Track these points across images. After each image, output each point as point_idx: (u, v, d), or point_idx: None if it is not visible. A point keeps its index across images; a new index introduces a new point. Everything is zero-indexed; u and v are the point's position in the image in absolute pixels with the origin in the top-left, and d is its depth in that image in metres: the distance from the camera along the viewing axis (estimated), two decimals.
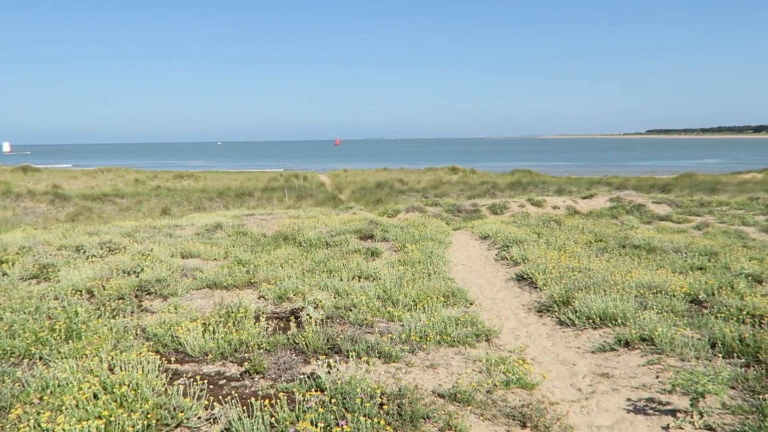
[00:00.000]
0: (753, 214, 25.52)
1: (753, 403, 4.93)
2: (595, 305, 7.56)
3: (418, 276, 10.08)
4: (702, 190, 36.44)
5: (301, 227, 16.24)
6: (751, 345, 5.96)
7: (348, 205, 30.78)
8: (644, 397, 5.39)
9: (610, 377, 5.93)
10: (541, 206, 28.63)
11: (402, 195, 39.74)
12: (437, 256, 12.19)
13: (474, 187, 42.58)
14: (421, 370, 5.90)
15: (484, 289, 10.08)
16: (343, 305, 7.81)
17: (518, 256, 11.76)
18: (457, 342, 6.68)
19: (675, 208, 28.23)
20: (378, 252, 12.88)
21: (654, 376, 5.82)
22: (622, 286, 8.72)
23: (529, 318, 8.32)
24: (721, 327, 6.51)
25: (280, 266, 10.95)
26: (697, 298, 8.32)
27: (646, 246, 13.31)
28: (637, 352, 6.44)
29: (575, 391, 5.68)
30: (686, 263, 11.31)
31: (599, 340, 7.01)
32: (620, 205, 28.68)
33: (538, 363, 6.48)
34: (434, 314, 7.48)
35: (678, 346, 6.26)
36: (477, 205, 29.03)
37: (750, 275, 9.74)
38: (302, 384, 5.25)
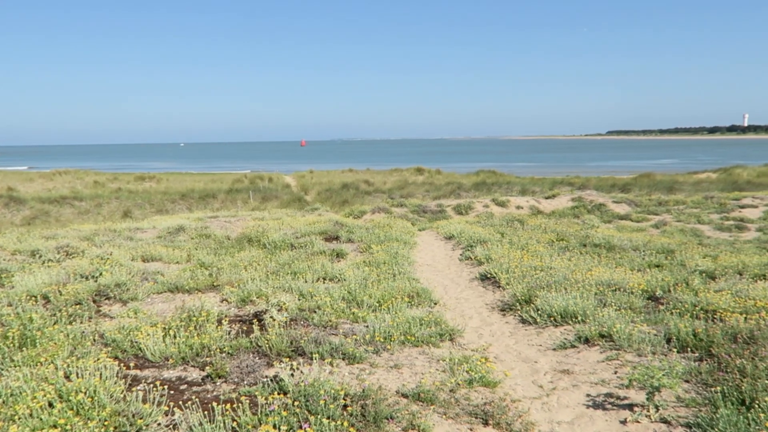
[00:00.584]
0: (708, 213, 26.35)
1: (706, 396, 5.09)
2: (556, 303, 7.70)
3: (383, 277, 10.10)
4: (660, 190, 37.37)
5: (266, 229, 16.09)
6: (704, 339, 6.16)
7: (313, 207, 30.64)
8: (603, 392, 5.51)
9: (570, 373, 6.04)
10: (505, 206, 29.00)
11: (368, 196, 39.74)
12: (402, 257, 12.23)
13: (439, 187, 42.82)
14: (386, 370, 5.91)
15: (448, 289, 10.16)
16: (307, 307, 7.77)
17: (482, 255, 11.89)
18: (421, 342, 6.72)
19: (634, 207, 28.93)
20: (343, 253, 12.86)
21: (612, 371, 5.95)
22: (583, 284, 8.90)
23: (493, 317, 8.42)
24: (676, 323, 6.70)
25: (243, 269, 10.83)
26: (654, 294, 8.54)
27: (606, 245, 13.61)
28: (596, 349, 6.58)
29: (537, 387, 5.77)
30: (644, 261, 11.61)
31: (560, 337, 7.14)
32: (582, 205, 29.25)
33: (500, 361, 6.56)
34: (399, 315, 7.50)
35: (635, 341, 6.42)
36: (442, 205, 29.25)
37: (704, 272, 10.05)
38: (265, 387, 5.20)
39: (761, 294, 8.02)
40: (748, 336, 6.05)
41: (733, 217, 25.40)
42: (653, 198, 30.57)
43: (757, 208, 26.33)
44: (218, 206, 34.65)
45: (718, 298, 7.78)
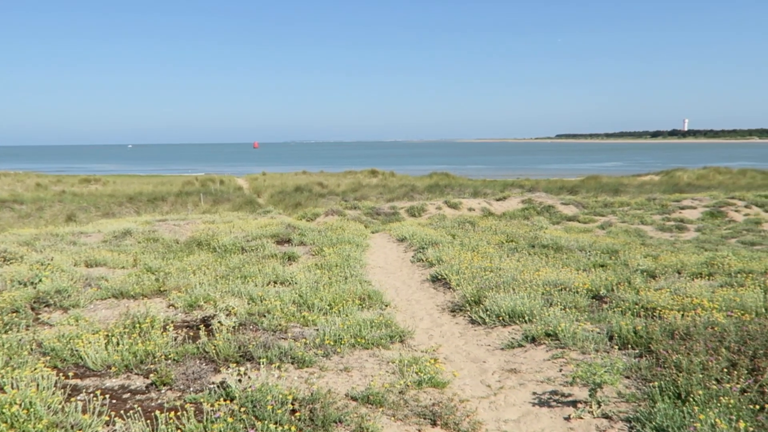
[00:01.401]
0: (651, 214, 27.31)
1: (645, 391, 5.26)
2: (505, 303, 7.84)
3: (335, 279, 10.07)
4: (606, 192, 38.52)
5: (216, 232, 15.81)
6: (644, 337, 6.38)
7: (266, 209, 30.31)
8: (548, 390, 5.63)
9: (517, 372, 6.16)
10: (457, 208, 29.35)
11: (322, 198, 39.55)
12: (354, 259, 12.22)
13: (393, 189, 42.98)
14: (335, 373, 5.89)
15: (400, 291, 10.21)
16: (256, 311, 7.67)
17: (433, 257, 12.00)
18: (371, 344, 6.72)
19: (581, 208, 29.73)
20: (295, 256, 12.75)
21: (558, 369, 6.10)
22: (531, 284, 9.09)
23: (443, 318, 8.50)
24: (618, 321, 6.92)
25: (192, 273, 10.61)
26: (598, 293, 8.80)
27: (553, 245, 13.94)
28: (542, 347, 6.73)
29: (485, 387, 5.86)
30: (590, 261, 11.94)
31: (508, 337, 7.27)
32: (531, 207, 29.87)
33: (450, 362, 6.63)
34: (350, 317, 7.49)
35: (580, 340, 6.59)
36: (396, 207, 29.38)
37: (645, 271, 10.41)
38: (211, 394, 5.10)
39: (697, 292, 8.38)
40: (684, 332, 6.30)
41: (674, 218, 26.40)
42: (599, 200, 31.48)
43: (696, 209, 27.45)
44: (167, 209, 33.85)
45: (657, 296, 8.08)
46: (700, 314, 7.00)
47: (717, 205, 27.43)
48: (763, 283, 8.95)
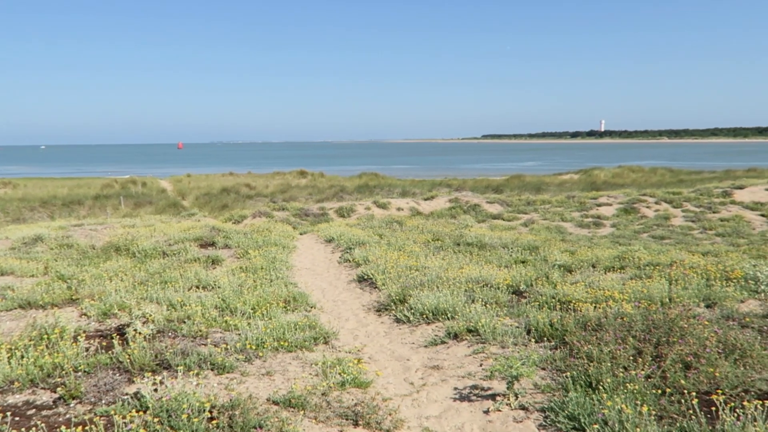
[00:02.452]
0: (570, 211, 28.48)
1: (559, 381, 5.48)
2: (428, 301, 7.95)
3: (260, 282, 9.89)
4: (529, 190, 39.83)
5: (136, 237, 15.18)
6: (559, 329, 6.64)
7: (191, 212, 29.44)
8: (469, 384, 5.76)
9: (440, 369, 6.26)
10: (386, 208, 29.54)
11: (249, 200, 38.83)
12: (281, 261, 12.07)
13: (323, 190, 42.76)
14: (257, 378, 5.79)
15: (326, 292, 10.16)
16: (176, 318, 7.42)
17: (360, 257, 12.02)
18: (295, 347, 6.65)
19: (506, 207, 30.60)
20: (219, 260, 12.44)
21: (478, 364, 6.24)
22: (454, 282, 9.27)
23: (369, 318, 8.53)
24: (535, 314, 7.17)
25: (108, 280, 10.14)
26: (518, 289, 9.08)
27: (477, 243, 14.28)
28: (464, 343, 6.87)
29: (408, 385, 5.92)
30: (511, 258, 12.31)
31: (432, 334, 7.38)
32: (458, 206, 30.47)
33: (374, 361, 6.66)
34: (273, 320, 7.38)
35: (499, 334, 6.78)
36: (325, 208, 29.24)
37: (562, 266, 10.84)
38: (125, 405, 4.89)
39: (610, 284, 8.81)
40: (596, 323, 6.60)
41: (591, 214, 27.64)
42: (523, 198, 32.50)
43: (612, 206, 28.85)
44: (85, 214, 32.25)
45: (573, 289, 8.43)
46: (611, 306, 7.35)
47: (630, 202, 28.91)
48: (668, 275, 9.51)
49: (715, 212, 26.67)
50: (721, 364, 5.38)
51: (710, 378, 5.18)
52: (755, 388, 5.02)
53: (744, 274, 9.04)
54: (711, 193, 29.97)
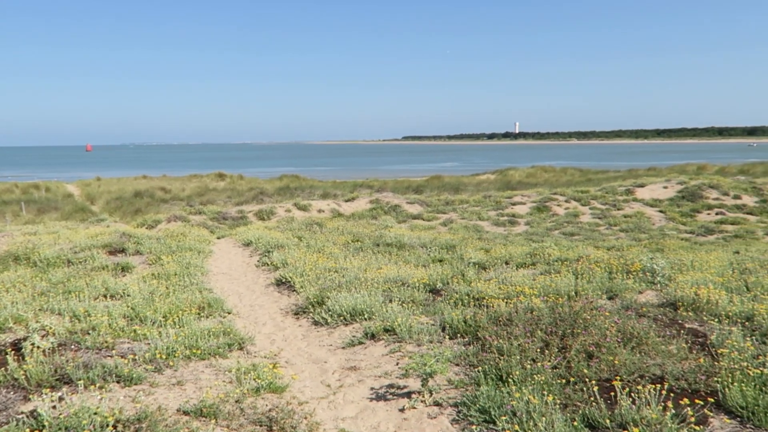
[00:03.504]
0: (487, 210, 29.35)
1: (472, 376, 5.62)
2: (346, 303, 7.95)
3: (173, 289, 9.54)
4: (448, 190, 40.67)
5: (38, 244, 14.25)
6: (472, 325, 6.82)
7: (100, 218, 28.04)
8: (385, 384, 5.80)
9: (357, 369, 6.27)
10: (307, 210, 29.31)
11: (164, 204, 37.39)
12: (195, 267, 11.70)
13: (242, 193, 41.84)
14: (167, 388, 5.57)
15: (243, 297, 9.95)
16: (80, 329, 7.02)
17: (278, 260, 11.86)
18: (208, 354, 6.46)
19: (425, 207, 31.12)
20: (129, 267, 11.90)
21: (395, 363, 6.30)
22: (372, 282, 9.32)
23: (287, 321, 8.42)
24: (450, 312, 7.33)
25: (5, 291, 9.46)
26: (435, 287, 9.25)
27: (397, 243, 14.43)
28: (381, 343, 6.92)
29: (325, 387, 5.89)
30: (429, 257, 12.52)
31: (349, 335, 7.38)
32: (379, 206, 30.68)
33: (291, 365, 6.59)
34: (186, 328, 7.14)
35: (415, 333, 6.88)
36: (244, 211, 28.64)
37: (477, 263, 11.15)
38: (19, 425, 4.57)
39: (521, 280, 9.14)
40: (507, 318, 6.83)
41: (506, 213, 28.62)
42: (442, 198, 33.16)
43: (526, 205, 29.99)
44: None
45: (486, 286, 8.69)
46: (522, 300, 7.63)
47: (543, 201, 30.16)
48: (575, 269, 10.00)
49: (619, 209, 28.30)
50: (620, 352, 5.70)
51: (610, 366, 5.48)
52: (650, 373, 5.36)
53: (642, 266, 9.63)
54: (615, 191, 31.76)
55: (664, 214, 27.26)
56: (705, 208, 27.67)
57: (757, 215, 26.24)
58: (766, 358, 5.24)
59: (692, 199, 29.17)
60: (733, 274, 9.48)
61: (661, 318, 7.17)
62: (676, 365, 5.50)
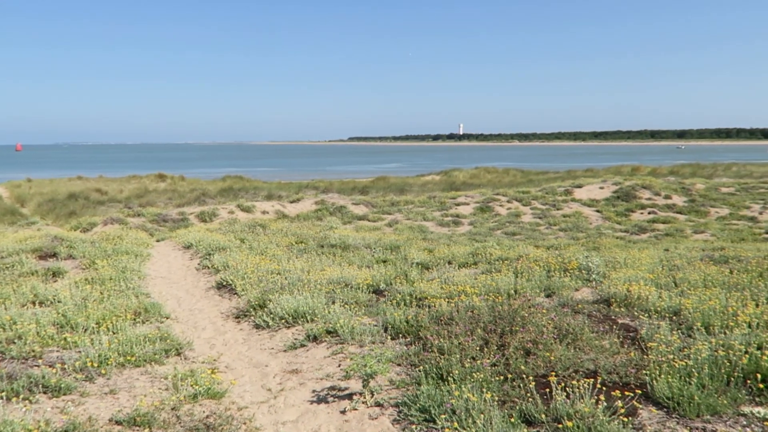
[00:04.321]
0: (432, 211, 29.63)
1: (413, 376, 5.65)
2: (288, 305, 7.86)
3: (108, 294, 9.20)
4: (393, 191, 40.83)
5: None
6: (414, 325, 6.86)
7: (31, 221, 26.79)
8: (327, 386, 5.77)
9: (298, 372, 6.21)
10: (250, 212, 28.85)
11: (101, 206, 36.00)
12: (132, 271, 11.32)
13: (183, 194, 40.76)
14: (98, 398, 5.36)
15: (182, 301, 9.69)
16: (4, 338, 6.66)
17: (220, 263, 11.62)
18: (144, 361, 6.26)
19: (371, 208, 31.16)
20: (61, 272, 11.40)
21: (337, 365, 6.28)
22: (315, 284, 9.26)
23: (227, 325, 8.26)
24: (392, 312, 7.36)
25: None
26: (378, 288, 9.27)
27: (341, 244, 14.39)
28: (324, 345, 6.88)
29: (265, 391, 5.80)
30: (373, 257, 12.55)
31: (291, 338, 7.30)
32: (325, 207, 30.52)
33: (231, 369, 6.46)
34: (120, 334, 6.89)
35: (358, 334, 6.87)
36: (185, 213, 27.93)
37: (421, 264, 11.25)
38: None
39: (463, 279, 9.27)
40: (449, 318, 6.91)
41: (451, 213, 28.97)
42: (387, 199, 33.28)
43: (469, 205, 30.46)
44: None
45: (429, 286, 8.77)
46: (463, 300, 7.74)
47: (486, 201, 30.71)
48: (515, 268, 10.23)
49: (559, 209, 29.12)
50: (556, 348, 5.86)
51: (547, 362, 5.63)
52: (584, 368, 5.53)
53: (579, 265, 9.95)
54: (555, 191, 32.68)
55: (601, 213, 28.23)
56: (638, 207, 28.81)
57: (686, 214, 27.52)
58: (690, 351, 5.50)
59: (626, 199, 30.33)
60: (662, 270, 9.91)
61: (595, 314, 7.42)
62: (609, 359, 5.69)
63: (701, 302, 7.23)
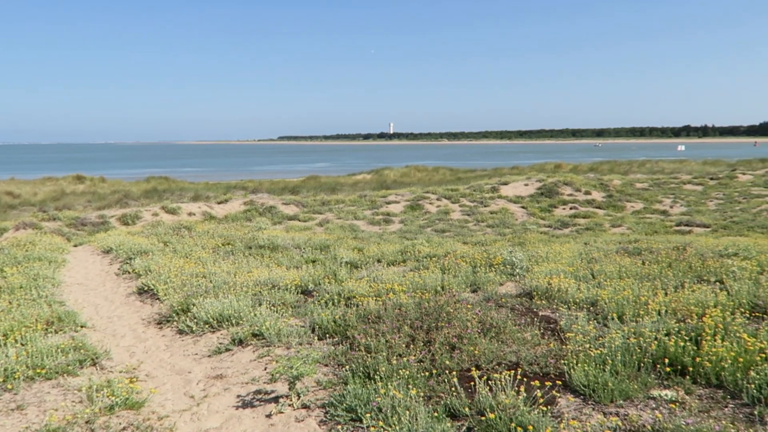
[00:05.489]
0: (362, 210, 29.68)
1: (340, 376, 5.63)
2: (213, 309, 7.66)
3: (17, 304, 8.65)
4: (324, 191, 40.60)
5: None
6: (342, 325, 6.84)
7: None
8: (253, 390, 5.65)
9: (223, 378, 6.05)
10: (176, 214, 27.92)
11: (13, 210, 33.91)
12: (45, 278, 10.70)
13: (104, 197, 38.98)
14: (4, 415, 5.02)
15: (100, 308, 9.25)
16: None
17: (141, 268, 11.18)
18: (56, 373, 5.91)
19: (302, 207, 30.86)
20: None
21: (263, 368, 6.16)
22: (242, 286, 9.06)
23: (149, 332, 7.95)
24: (320, 312, 7.30)
25: None
26: (306, 288, 9.18)
27: (270, 245, 14.17)
28: (250, 348, 6.74)
29: (188, 399, 5.62)
30: (303, 258, 12.42)
31: (216, 342, 7.11)
32: (254, 208, 29.95)
33: (152, 378, 6.22)
34: (30, 346, 6.49)
35: (284, 335, 6.77)
36: (105, 216, 26.69)
37: (350, 263, 11.23)
38: None
39: (391, 278, 9.33)
40: (376, 316, 6.93)
41: (381, 212, 29.12)
42: (318, 198, 33.06)
43: (400, 204, 30.72)
44: None
45: (357, 285, 8.76)
46: (391, 297, 7.78)
47: (416, 199, 31.06)
48: (442, 265, 10.39)
49: (486, 206, 29.86)
50: (480, 342, 5.99)
51: (471, 356, 5.74)
52: (507, 360, 5.69)
53: (503, 260, 10.22)
54: (482, 189, 33.48)
55: (526, 209, 29.16)
56: (561, 203, 29.95)
57: (604, 209, 28.86)
58: (605, 339, 5.75)
59: (550, 195, 31.46)
60: (581, 263, 10.33)
61: (518, 307, 7.64)
62: (530, 351, 5.87)
63: (616, 293, 7.59)
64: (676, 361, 5.31)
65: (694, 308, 6.73)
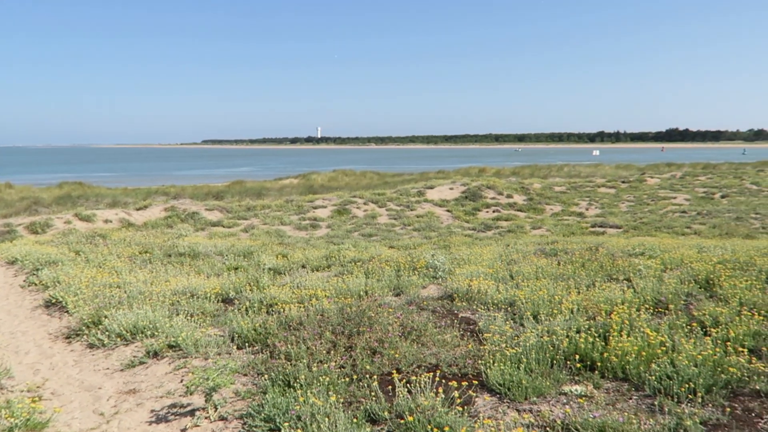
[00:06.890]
0: (289, 215, 29.32)
1: (260, 385, 5.51)
2: (126, 320, 7.33)
3: None
4: (250, 196, 39.81)
5: None
6: (262, 333, 6.71)
7: None
8: (167, 404, 5.44)
9: (136, 392, 5.80)
10: (91, 221, 26.57)
11: None
12: None
13: (11, 203, 36.49)
14: None
15: (2, 324, 8.66)
16: None
17: (49, 279, 10.55)
18: None
19: (226, 213, 30.12)
20: None
21: (179, 380, 5.95)
22: (158, 296, 8.73)
23: (56, 347, 7.51)
24: (239, 321, 7.14)
25: None
26: (227, 296, 8.96)
27: (190, 253, 13.73)
28: (165, 360, 6.49)
29: (97, 416, 5.34)
30: (225, 265, 12.11)
31: (130, 356, 6.81)
32: (176, 214, 28.96)
33: (58, 396, 5.88)
34: None
35: (202, 346, 6.58)
36: (12, 225, 25.05)
37: (273, 269, 11.06)
38: None
39: (314, 283, 9.25)
40: (298, 322, 6.85)
41: (308, 217, 28.88)
42: (243, 204, 32.36)
43: (327, 208, 30.59)
44: None
45: (280, 291, 8.63)
46: (314, 303, 7.72)
47: (343, 204, 31.03)
48: (367, 269, 10.41)
49: (413, 210, 30.23)
50: (401, 345, 6.04)
51: (392, 359, 5.77)
52: (427, 363, 5.76)
53: (426, 263, 10.37)
54: (409, 193, 33.88)
55: (451, 213, 29.74)
56: (484, 206, 30.77)
57: (525, 212, 29.88)
58: (521, 339, 5.94)
59: (474, 198, 32.26)
60: (501, 265, 10.63)
61: (439, 310, 7.77)
62: (449, 352, 5.97)
63: (533, 293, 7.86)
64: (586, 357, 5.55)
65: (603, 306, 7.07)
